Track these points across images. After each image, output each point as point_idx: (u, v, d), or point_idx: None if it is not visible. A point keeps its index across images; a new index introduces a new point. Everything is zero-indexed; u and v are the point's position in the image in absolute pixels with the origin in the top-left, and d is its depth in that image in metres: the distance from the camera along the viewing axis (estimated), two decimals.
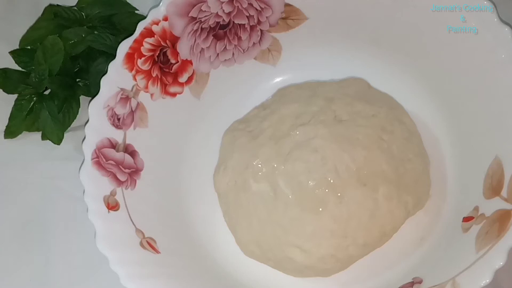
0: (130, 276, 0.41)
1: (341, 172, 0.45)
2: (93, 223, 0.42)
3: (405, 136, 0.47)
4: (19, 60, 0.53)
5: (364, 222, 0.45)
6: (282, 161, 0.46)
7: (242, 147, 0.48)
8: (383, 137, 0.46)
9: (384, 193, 0.45)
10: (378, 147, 0.46)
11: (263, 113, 0.50)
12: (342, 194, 0.45)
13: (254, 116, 0.50)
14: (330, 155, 0.45)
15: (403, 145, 0.47)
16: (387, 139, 0.46)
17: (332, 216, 0.45)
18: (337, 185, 0.45)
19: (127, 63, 0.45)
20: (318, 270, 0.46)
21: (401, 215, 0.46)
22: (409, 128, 0.48)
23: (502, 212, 0.40)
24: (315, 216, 0.45)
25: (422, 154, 0.48)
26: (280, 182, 0.46)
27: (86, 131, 0.44)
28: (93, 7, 0.54)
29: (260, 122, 0.49)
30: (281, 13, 0.48)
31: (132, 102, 0.46)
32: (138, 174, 0.46)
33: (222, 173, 0.49)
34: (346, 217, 0.45)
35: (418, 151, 0.47)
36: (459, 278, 0.39)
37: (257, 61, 0.51)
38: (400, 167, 0.46)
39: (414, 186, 0.46)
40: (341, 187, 0.45)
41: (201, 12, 0.46)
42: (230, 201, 0.48)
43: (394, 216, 0.45)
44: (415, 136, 0.48)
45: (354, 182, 0.45)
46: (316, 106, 0.48)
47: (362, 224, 0.45)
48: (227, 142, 0.50)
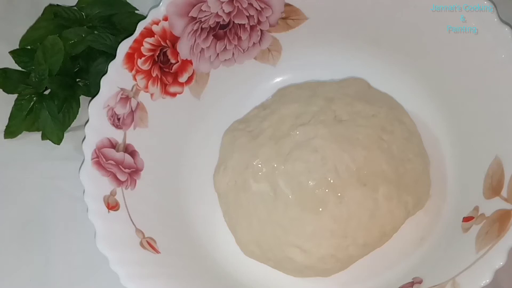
0: (130, 276, 0.41)
1: (341, 172, 0.45)
2: (93, 223, 0.42)
3: (405, 136, 0.47)
4: (19, 60, 0.53)
5: (364, 222, 0.45)
6: (282, 161, 0.46)
7: (242, 147, 0.48)
8: (383, 137, 0.46)
9: (384, 193, 0.45)
10: (378, 147, 0.46)
11: (263, 113, 0.50)
12: (342, 194, 0.45)
13: (254, 116, 0.50)
14: (330, 155, 0.45)
15: (403, 145, 0.47)
16: (387, 139, 0.46)
17: (332, 216, 0.45)
18: (337, 185, 0.45)
19: (127, 63, 0.45)
20: (318, 270, 0.46)
21: (401, 215, 0.46)
22: (409, 128, 0.48)
23: (502, 212, 0.40)
24: (315, 216, 0.45)
25: (422, 154, 0.48)
26: (280, 182, 0.46)
27: (86, 131, 0.44)
28: (93, 7, 0.54)
29: (260, 122, 0.49)
30: (281, 13, 0.48)
31: (132, 102, 0.46)
32: (138, 174, 0.46)
33: (222, 173, 0.49)
34: (346, 217, 0.45)
35: (418, 151, 0.47)
36: (459, 278, 0.39)
37: (257, 61, 0.51)
38: (400, 167, 0.46)
39: (414, 186, 0.46)
40: (341, 187, 0.45)
41: (201, 12, 0.46)
42: (230, 201, 0.48)
43: (394, 216, 0.45)
44: (415, 136, 0.48)
45: (354, 182, 0.45)
46: (316, 106, 0.48)
47: (362, 224, 0.45)
48: (227, 142, 0.50)
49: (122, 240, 0.43)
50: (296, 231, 0.45)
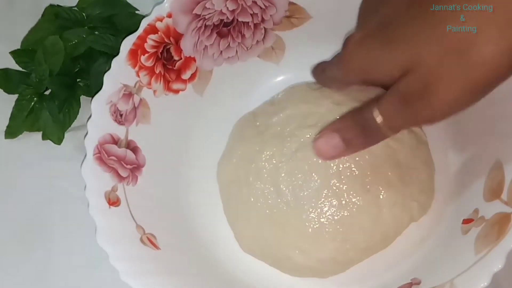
0: (130, 272, 0.41)
1: (345, 176, 0.45)
2: (94, 219, 0.42)
3: (413, 145, 0.46)
4: (19, 60, 0.53)
5: (366, 227, 0.45)
6: (286, 161, 0.46)
7: (248, 140, 0.48)
8: (391, 144, 0.46)
9: (388, 199, 0.45)
10: (384, 153, 0.45)
11: (271, 109, 0.49)
12: (344, 198, 0.45)
13: (262, 111, 0.50)
14: None
15: (411, 154, 0.46)
16: (395, 147, 0.46)
17: (334, 219, 0.45)
18: (340, 189, 0.45)
19: (131, 59, 0.45)
20: (316, 271, 0.46)
21: (404, 221, 0.46)
22: (418, 137, 0.47)
23: (502, 215, 0.40)
24: (315, 218, 0.45)
25: (429, 162, 0.47)
26: (283, 182, 0.46)
27: (89, 126, 0.44)
28: (94, 7, 0.54)
29: (267, 119, 0.49)
30: (285, 11, 0.48)
31: (135, 98, 0.46)
32: (139, 170, 0.46)
33: (227, 163, 0.49)
34: (347, 221, 0.45)
35: (425, 160, 0.47)
36: (457, 280, 0.39)
37: (261, 59, 0.51)
38: (406, 175, 0.45)
39: (418, 194, 0.46)
40: (344, 191, 0.45)
41: (205, 10, 0.46)
42: (231, 194, 0.48)
43: (397, 222, 0.45)
44: (424, 145, 0.47)
45: (358, 187, 0.45)
46: (324, 107, 0.47)
47: (363, 229, 0.45)
48: (237, 132, 0.50)
49: (123, 236, 0.43)
50: (296, 231, 0.45)
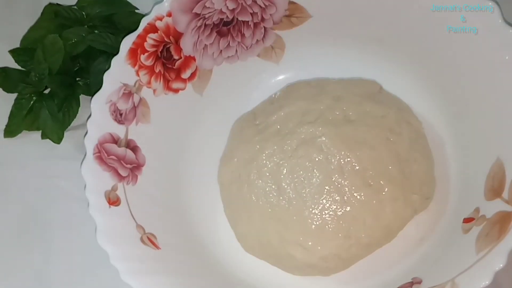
0: (130, 272, 0.41)
1: (346, 171, 0.45)
2: (94, 218, 0.42)
3: (412, 138, 0.47)
4: (19, 59, 0.53)
5: (368, 223, 0.45)
6: (287, 158, 0.46)
7: (248, 139, 0.48)
8: (391, 138, 0.46)
9: (390, 193, 0.45)
10: (385, 148, 0.46)
11: (271, 108, 0.50)
12: (346, 194, 0.45)
13: (262, 109, 0.50)
14: (335, 154, 0.45)
15: (410, 147, 0.46)
16: (395, 140, 0.46)
17: (336, 215, 0.45)
18: (342, 184, 0.45)
19: (130, 58, 0.45)
20: (319, 269, 0.46)
21: (407, 215, 0.46)
22: (416, 130, 0.48)
23: (503, 214, 0.40)
24: (318, 215, 0.45)
25: (428, 155, 0.48)
26: (284, 179, 0.46)
27: (88, 125, 0.44)
28: (94, 6, 0.54)
29: (267, 117, 0.49)
30: (285, 10, 0.48)
31: (135, 98, 0.46)
32: (139, 169, 0.46)
33: (228, 163, 0.49)
34: (350, 217, 0.45)
35: (424, 153, 0.47)
36: (459, 279, 0.39)
37: (260, 58, 0.51)
38: (406, 168, 0.46)
39: (419, 187, 0.46)
40: (346, 186, 0.45)
41: (205, 9, 0.46)
42: (232, 193, 0.48)
43: (399, 216, 0.45)
44: (422, 137, 0.48)
45: (359, 182, 0.45)
46: (324, 104, 0.48)
47: (366, 224, 0.45)
48: (236, 132, 0.50)
49: (123, 236, 0.43)
50: (298, 229, 0.45)
